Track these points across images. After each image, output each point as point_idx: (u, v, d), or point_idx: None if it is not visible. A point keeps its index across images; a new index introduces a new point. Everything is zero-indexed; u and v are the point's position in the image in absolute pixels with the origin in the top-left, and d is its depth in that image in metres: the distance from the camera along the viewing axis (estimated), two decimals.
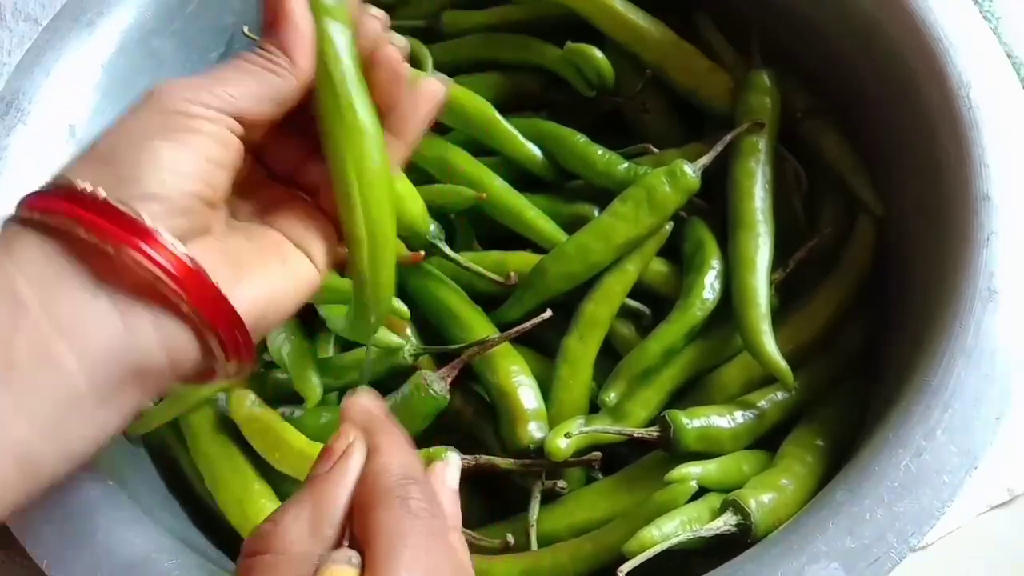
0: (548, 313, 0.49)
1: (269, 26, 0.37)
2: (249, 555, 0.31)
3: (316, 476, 0.33)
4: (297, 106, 0.37)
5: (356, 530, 0.31)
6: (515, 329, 0.48)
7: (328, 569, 0.28)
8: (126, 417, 0.35)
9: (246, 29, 0.58)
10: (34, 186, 0.47)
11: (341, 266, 0.41)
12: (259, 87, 0.36)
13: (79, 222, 0.32)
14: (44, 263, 0.32)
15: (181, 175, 0.34)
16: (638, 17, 0.56)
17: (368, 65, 0.38)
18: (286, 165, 0.40)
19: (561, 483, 0.47)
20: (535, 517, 0.46)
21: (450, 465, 0.38)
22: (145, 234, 0.32)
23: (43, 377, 0.31)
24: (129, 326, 0.33)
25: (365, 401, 0.36)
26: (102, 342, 0.32)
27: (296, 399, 0.52)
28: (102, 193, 0.32)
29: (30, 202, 0.34)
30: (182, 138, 0.34)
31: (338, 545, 0.30)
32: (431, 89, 0.40)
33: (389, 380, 0.50)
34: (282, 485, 0.49)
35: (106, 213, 0.32)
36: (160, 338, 0.33)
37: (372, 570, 0.29)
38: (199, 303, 0.33)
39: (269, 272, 0.37)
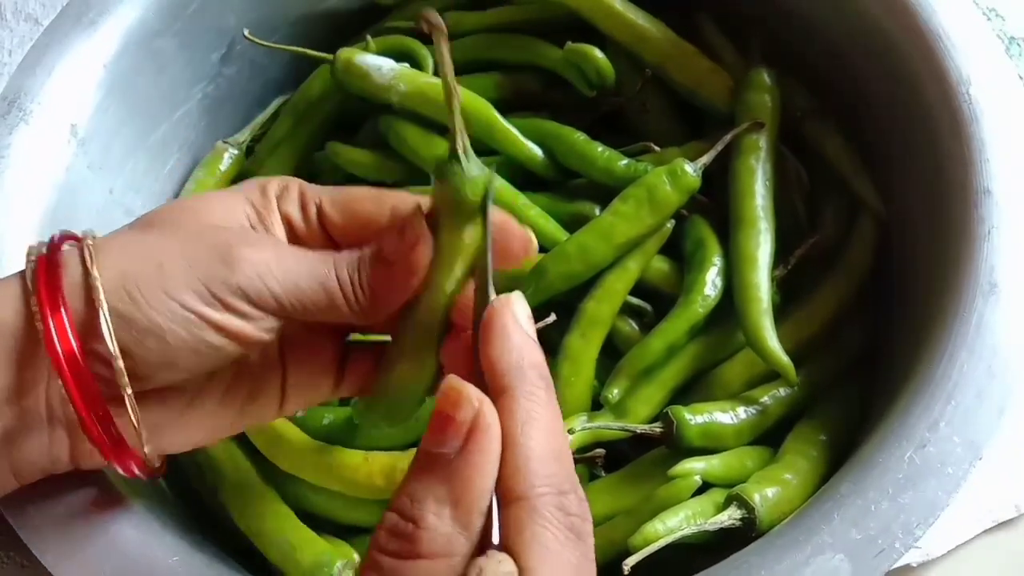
0: (552, 317, 0.49)
1: (378, 263, 0.35)
2: (389, 554, 0.27)
3: (444, 457, 0.28)
4: None
5: (503, 520, 0.27)
6: None
7: None
8: None
9: (247, 32, 0.58)
10: (35, 186, 0.48)
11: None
12: (324, 309, 0.35)
13: (38, 301, 0.33)
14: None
15: (180, 366, 0.35)
16: (638, 17, 0.56)
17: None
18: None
19: None
20: None
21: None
22: (71, 345, 0.33)
23: None
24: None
25: (523, 325, 0.31)
26: None
27: None
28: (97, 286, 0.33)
29: (49, 247, 0.35)
30: (207, 336, 0.34)
31: (485, 533, 0.27)
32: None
33: None
34: (285, 484, 0.49)
35: (55, 309, 0.33)
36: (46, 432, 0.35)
37: None
38: (88, 421, 0.34)
39: (208, 429, 0.38)
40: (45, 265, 0.34)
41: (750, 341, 0.48)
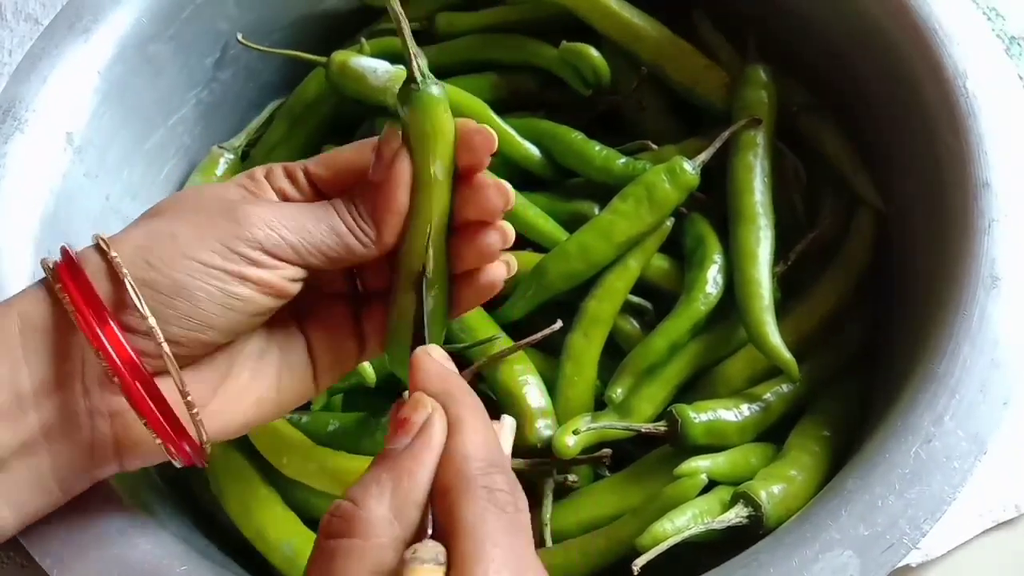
0: (558, 324, 0.49)
1: (368, 189, 0.37)
2: (331, 536, 0.30)
3: (395, 452, 0.31)
4: None
5: (437, 514, 0.30)
6: (526, 340, 0.48)
7: (415, 571, 0.28)
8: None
9: (240, 36, 0.58)
10: (32, 195, 0.48)
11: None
12: (338, 249, 0.37)
13: (65, 289, 0.34)
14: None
15: (213, 324, 0.36)
16: (634, 15, 0.56)
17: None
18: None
19: (572, 477, 0.47)
20: (549, 515, 0.46)
21: (505, 428, 0.36)
22: (108, 323, 0.34)
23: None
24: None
25: (439, 361, 0.35)
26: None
27: None
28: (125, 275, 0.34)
29: (62, 251, 0.36)
30: (233, 288, 0.35)
31: (420, 528, 0.30)
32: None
33: (397, 383, 0.50)
34: (289, 490, 0.49)
35: (87, 292, 0.34)
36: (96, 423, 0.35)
37: (458, 569, 0.28)
38: (139, 404, 0.35)
39: (249, 405, 0.39)
40: (65, 266, 0.35)
41: (752, 338, 0.48)
